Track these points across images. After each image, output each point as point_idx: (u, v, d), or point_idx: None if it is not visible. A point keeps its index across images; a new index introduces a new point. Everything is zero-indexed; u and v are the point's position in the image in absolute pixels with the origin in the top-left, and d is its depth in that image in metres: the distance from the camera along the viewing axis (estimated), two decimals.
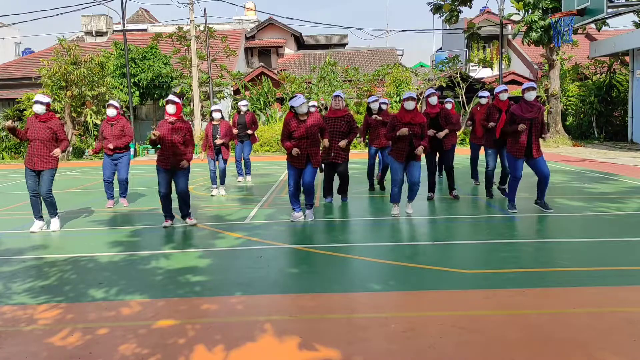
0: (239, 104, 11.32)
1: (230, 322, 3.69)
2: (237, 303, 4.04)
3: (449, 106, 9.31)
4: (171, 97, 6.75)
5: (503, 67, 23.96)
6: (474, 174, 9.98)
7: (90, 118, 20.28)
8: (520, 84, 25.58)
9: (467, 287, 4.28)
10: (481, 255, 5.24)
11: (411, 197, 7.19)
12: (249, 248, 5.71)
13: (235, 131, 10.77)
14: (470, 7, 21.27)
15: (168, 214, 6.90)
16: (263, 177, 12.26)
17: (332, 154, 7.91)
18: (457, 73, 22.85)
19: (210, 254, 5.52)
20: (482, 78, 26.56)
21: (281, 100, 24.27)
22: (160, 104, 22.69)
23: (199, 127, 22.08)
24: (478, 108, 9.51)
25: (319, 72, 23.67)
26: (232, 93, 24.72)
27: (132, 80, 21.41)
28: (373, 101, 9.23)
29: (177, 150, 6.67)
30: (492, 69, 29.19)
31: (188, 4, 21.99)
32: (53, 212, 6.95)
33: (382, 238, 6.16)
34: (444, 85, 22.57)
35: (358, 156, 17.51)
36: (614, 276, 4.43)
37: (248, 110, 11.29)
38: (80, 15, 48.04)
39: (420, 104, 23.08)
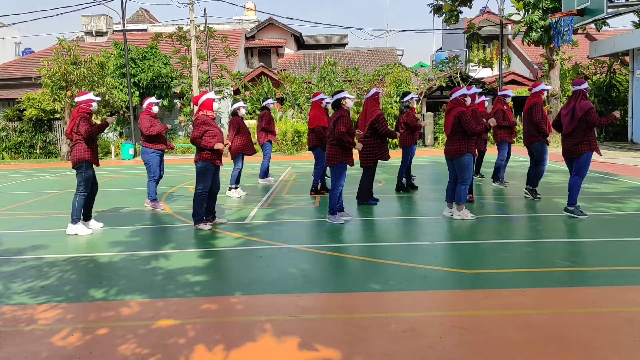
0: (268, 102, 11.14)
1: (230, 322, 3.69)
2: (237, 303, 4.04)
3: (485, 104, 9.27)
4: (213, 94, 6.81)
5: (503, 67, 23.96)
6: (502, 174, 9.61)
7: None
8: (521, 84, 25.60)
9: (467, 287, 4.28)
10: (481, 255, 5.24)
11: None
12: (249, 248, 5.71)
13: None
14: (470, 7, 21.25)
15: (211, 215, 6.84)
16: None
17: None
18: (457, 73, 22.85)
19: (210, 254, 5.52)
20: (482, 78, 26.57)
21: (281, 100, 24.26)
22: (160, 104, 22.67)
23: None
24: (505, 107, 9.47)
25: (319, 72, 23.68)
26: (232, 93, 24.72)
27: (132, 80, 21.40)
28: (411, 98, 9.16)
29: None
30: (492, 69, 29.21)
31: (188, 4, 21.98)
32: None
33: (382, 238, 6.16)
34: (444, 85, 22.57)
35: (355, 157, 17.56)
36: (614, 276, 4.43)
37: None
38: (80, 15, 48.12)
39: (420, 104, 23.09)
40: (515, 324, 3.50)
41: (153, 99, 8.13)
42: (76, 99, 6.78)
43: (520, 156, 14.72)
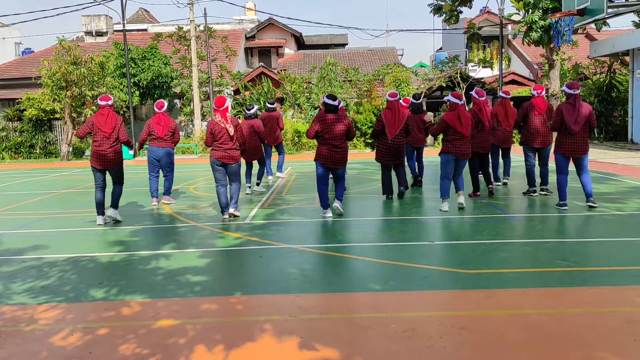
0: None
1: (230, 322, 3.69)
2: (237, 303, 4.04)
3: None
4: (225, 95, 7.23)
5: (503, 67, 23.96)
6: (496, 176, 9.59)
7: None
8: (520, 84, 25.60)
9: (467, 287, 4.28)
10: (481, 255, 5.24)
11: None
12: (249, 248, 5.71)
13: None
14: (470, 7, 21.25)
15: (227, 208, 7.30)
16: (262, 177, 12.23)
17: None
18: (457, 73, 22.85)
19: (210, 254, 5.52)
20: (482, 78, 26.56)
21: (281, 100, 24.26)
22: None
23: (198, 127, 22.08)
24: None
25: (319, 72, 23.65)
26: (232, 93, 24.72)
27: (132, 80, 21.40)
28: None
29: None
30: (492, 69, 29.20)
31: (188, 4, 21.99)
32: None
33: (382, 238, 6.16)
34: (444, 85, 22.56)
35: (356, 156, 17.58)
36: (614, 276, 4.43)
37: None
38: (80, 15, 48.12)
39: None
40: (515, 324, 3.50)
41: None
42: (107, 102, 7.04)
43: (519, 156, 14.68)
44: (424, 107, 9.57)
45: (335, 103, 6.96)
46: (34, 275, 4.90)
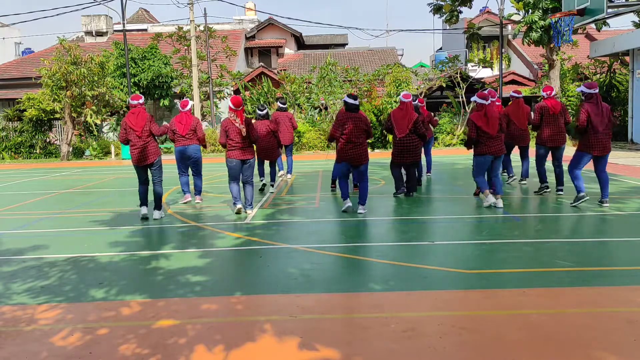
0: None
1: (230, 322, 3.69)
2: (237, 303, 4.05)
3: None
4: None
5: (503, 67, 23.96)
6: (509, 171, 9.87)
7: (91, 118, 20.28)
8: (520, 84, 25.59)
9: (467, 287, 4.28)
10: (481, 255, 5.24)
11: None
12: (249, 248, 5.71)
13: None
14: (470, 7, 21.24)
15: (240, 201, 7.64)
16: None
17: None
18: (457, 73, 22.84)
19: (210, 254, 5.52)
20: (482, 78, 26.54)
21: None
22: (160, 103, 22.68)
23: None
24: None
25: (319, 72, 23.64)
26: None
27: (132, 80, 21.39)
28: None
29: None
30: (492, 69, 29.17)
31: (188, 4, 21.98)
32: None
33: (382, 238, 6.16)
34: (444, 85, 22.56)
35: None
36: (614, 276, 4.43)
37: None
38: (80, 15, 48.08)
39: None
40: (515, 324, 3.50)
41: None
42: (138, 102, 7.22)
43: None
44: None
45: (357, 102, 7.23)
46: (34, 275, 4.90)
